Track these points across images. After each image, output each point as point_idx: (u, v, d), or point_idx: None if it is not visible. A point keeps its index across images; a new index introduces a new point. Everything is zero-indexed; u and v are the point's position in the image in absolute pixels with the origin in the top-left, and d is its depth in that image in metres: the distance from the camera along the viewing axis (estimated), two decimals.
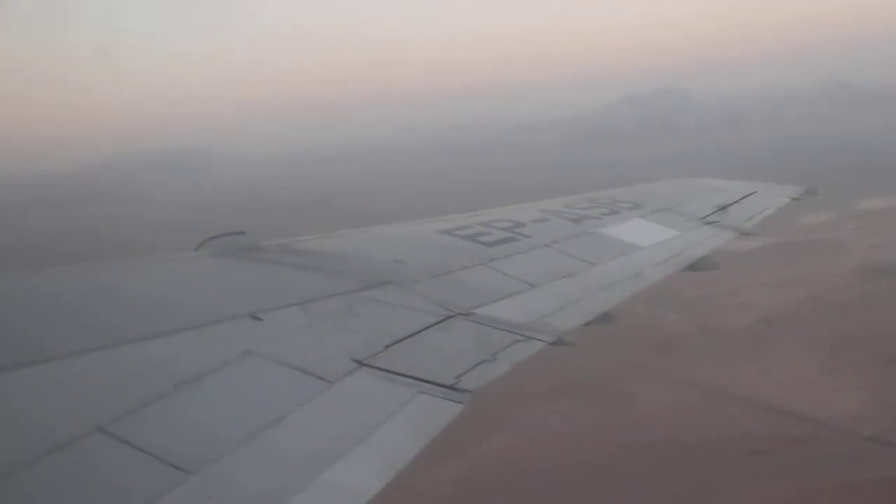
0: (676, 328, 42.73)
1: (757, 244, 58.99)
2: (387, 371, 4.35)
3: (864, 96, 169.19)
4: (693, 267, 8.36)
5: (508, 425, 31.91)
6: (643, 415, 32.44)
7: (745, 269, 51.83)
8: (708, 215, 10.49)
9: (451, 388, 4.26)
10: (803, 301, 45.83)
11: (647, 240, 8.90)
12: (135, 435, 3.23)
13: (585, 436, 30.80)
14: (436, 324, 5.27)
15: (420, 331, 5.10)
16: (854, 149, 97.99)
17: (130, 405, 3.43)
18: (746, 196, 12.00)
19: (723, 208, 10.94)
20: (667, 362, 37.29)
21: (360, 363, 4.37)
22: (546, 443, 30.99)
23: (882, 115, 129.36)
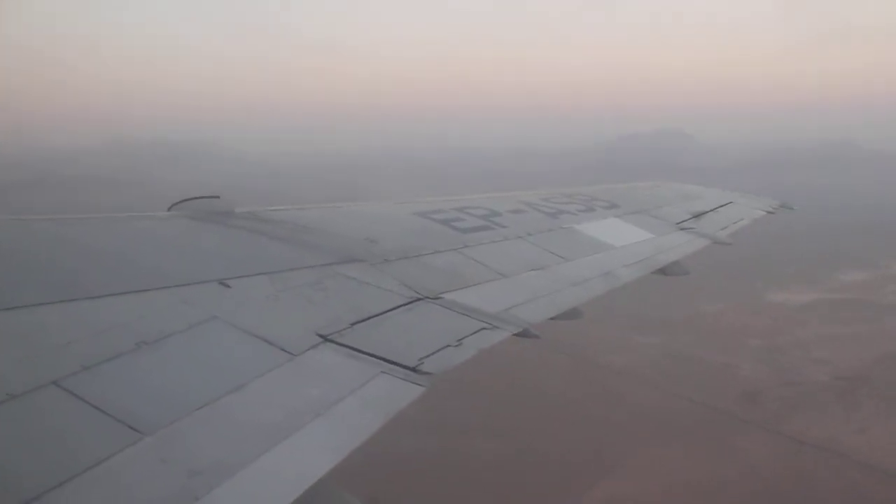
0: (759, 380, 42.58)
1: (807, 299, 59.42)
2: (351, 348, 4.31)
3: (868, 157, 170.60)
4: (664, 271, 8.39)
5: (616, 469, 31.83)
6: (754, 467, 32.14)
7: (807, 325, 52.65)
8: (683, 221, 10.58)
9: (413, 369, 4.23)
10: (876, 359, 45.54)
11: (622, 240, 8.91)
12: (90, 391, 3.17)
13: (704, 486, 30.53)
14: (403, 305, 5.25)
15: (387, 311, 5.07)
16: (862, 208, 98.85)
17: (88, 361, 3.37)
18: (722, 205, 12.13)
19: (698, 215, 11.05)
20: (757, 414, 37.31)
21: (325, 338, 4.34)
22: (663, 492, 30.64)
23: (886, 176, 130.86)
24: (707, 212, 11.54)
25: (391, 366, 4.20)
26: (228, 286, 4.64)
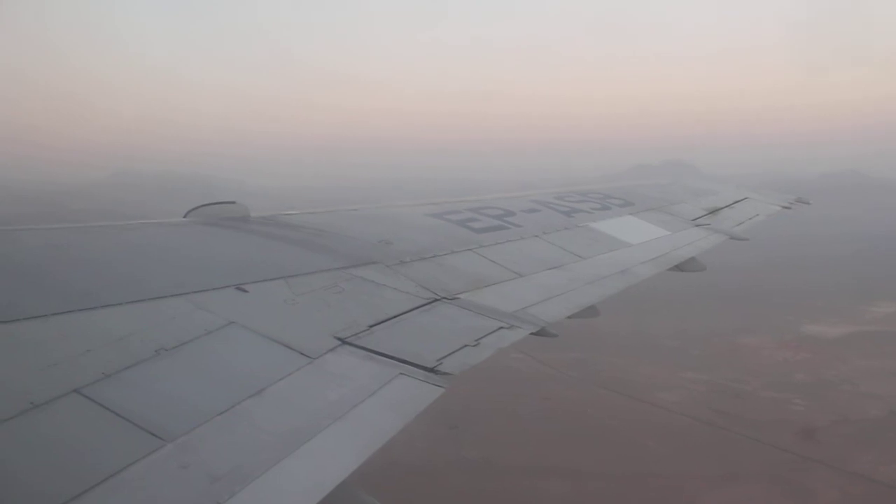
0: (814, 417, 41.79)
1: (841, 331, 58.75)
2: (369, 350, 4.31)
3: (876, 186, 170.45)
4: (680, 267, 8.36)
5: None
6: None
7: (848, 359, 51.85)
8: (698, 217, 10.60)
9: (432, 370, 4.21)
10: None
11: (637, 237, 8.92)
12: (111, 399, 3.18)
13: None
14: (420, 306, 5.25)
15: (404, 312, 5.07)
16: (875, 237, 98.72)
17: (109, 369, 3.38)
18: (738, 201, 12.12)
19: (714, 211, 11.07)
20: (820, 452, 36.53)
21: (343, 341, 4.34)
22: None
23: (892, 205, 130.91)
24: (722, 208, 11.57)
25: (410, 367, 4.19)
26: (246, 291, 4.66)
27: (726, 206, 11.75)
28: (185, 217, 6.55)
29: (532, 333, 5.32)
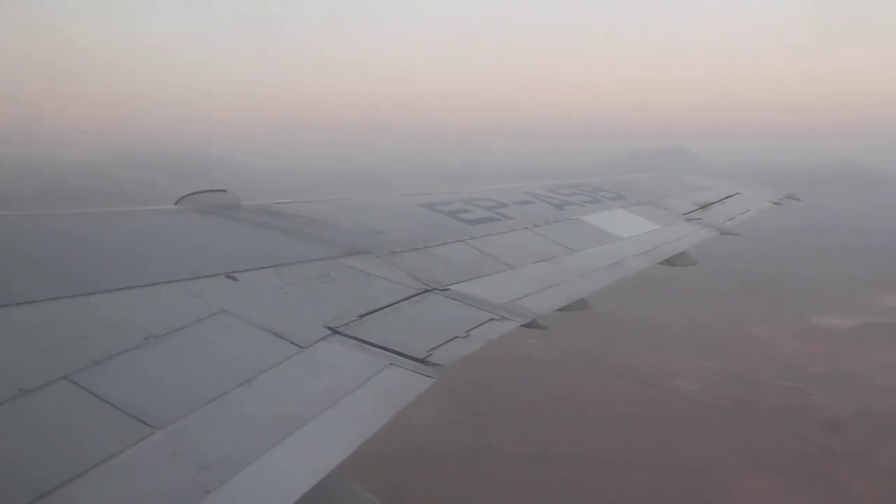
0: (835, 409, 41.44)
1: (851, 323, 58.53)
2: (359, 340, 4.32)
3: (873, 177, 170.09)
4: (671, 262, 8.41)
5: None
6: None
7: (861, 351, 51.41)
8: (690, 212, 10.66)
9: (422, 361, 4.23)
10: None
11: (628, 231, 8.95)
12: (101, 386, 3.18)
13: None
14: (411, 297, 5.26)
15: (395, 303, 5.07)
16: (876, 230, 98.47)
17: (98, 356, 3.38)
18: (729, 196, 12.19)
19: (705, 206, 11.12)
20: (846, 445, 36.33)
21: (333, 330, 4.35)
22: None
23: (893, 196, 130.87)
24: (714, 203, 11.64)
25: (400, 357, 4.21)
26: (236, 279, 4.66)
27: (717, 201, 11.83)
28: (175, 204, 6.54)
29: (522, 325, 5.33)
